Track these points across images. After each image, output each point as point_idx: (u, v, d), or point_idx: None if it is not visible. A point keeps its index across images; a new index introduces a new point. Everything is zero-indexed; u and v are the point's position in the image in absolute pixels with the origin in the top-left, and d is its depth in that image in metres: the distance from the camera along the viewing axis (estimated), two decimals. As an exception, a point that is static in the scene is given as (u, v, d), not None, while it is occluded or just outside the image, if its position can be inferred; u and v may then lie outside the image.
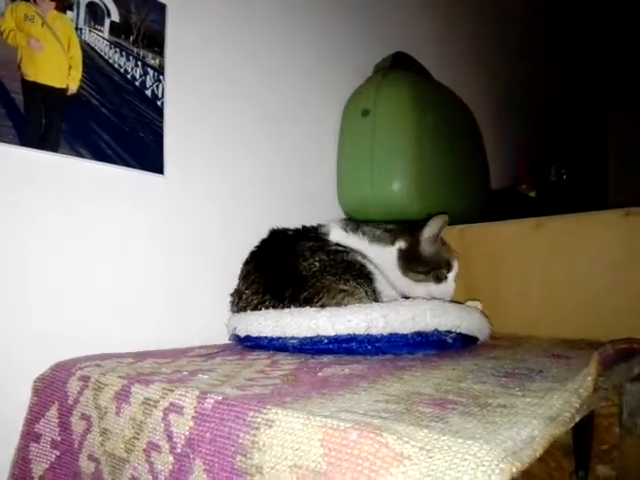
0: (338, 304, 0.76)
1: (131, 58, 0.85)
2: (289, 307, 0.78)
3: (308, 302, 0.77)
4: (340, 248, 0.88)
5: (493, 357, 0.72)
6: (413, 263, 0.93)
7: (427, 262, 0.93)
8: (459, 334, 0.77)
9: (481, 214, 1.34)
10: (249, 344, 0.80)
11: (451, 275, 0.95)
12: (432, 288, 0.93)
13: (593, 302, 0.94)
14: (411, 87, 1.18)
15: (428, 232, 0.93)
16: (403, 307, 0.73)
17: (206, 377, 0.58)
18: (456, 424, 0.39)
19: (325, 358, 0.72)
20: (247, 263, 0.92)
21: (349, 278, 0.79)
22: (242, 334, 0.80)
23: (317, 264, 0.81)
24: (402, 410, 0.43)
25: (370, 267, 0.86)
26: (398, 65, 1.24)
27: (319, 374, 0.60)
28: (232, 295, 0.90)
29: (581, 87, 3.00)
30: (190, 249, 0.94)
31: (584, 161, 2.79)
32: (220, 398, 0.47)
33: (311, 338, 0.72)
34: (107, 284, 0.83)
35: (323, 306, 0.76)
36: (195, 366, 0.66)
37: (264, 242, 0.95)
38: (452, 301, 0.93)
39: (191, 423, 0.47)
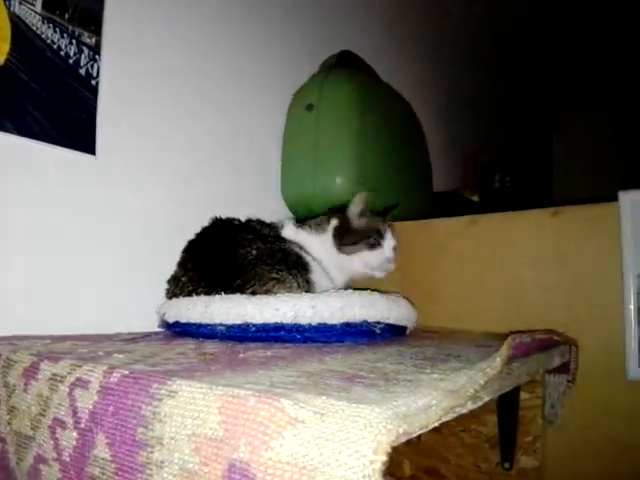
0: (269, 292, 0.76)
1: (65, 35, 0.82)
2: (221, 294, 0.77)
3: (240, 289, 0.76)
4: (279, 239, 0.88)
5: (418, 345, 0.74)
6: (344, 237, 0.96)
7: (357, 233, 0.96)
8: (387, 324, 0.78)
9: (423, 215, 1.38)
10: (178, 330, 0.79)
11: (386, 243, 0.97)
12: (367, 257, 0.95)
13: (523, 298, 0.98)
14: (354, 85, 1.20)
15: (354, 206, 0.96)
16: (332, 298, 0.73)
17: (121, 356, 0.56)
18: (358, 393, 0.40)
19: (252, 344, 0.71)
20: (185, 250, 0.91)
21: (283, 268, 0.79)
22: (171, 320, 0.79)
23: (254, 252, 0.81)
24: (309, 383, 0.43)
25: (307, 258, 0.86)
26: (343, 63, 1.26)
27: (240, 355, 0.59)
28: (168, 282, 0.89)
29: (530, 89, 3.11)
30: (121, 234, 0.92)
31: (531, 168, 2.90)
32: (127, 372, 0.46)
33: (239, 325, 0.72)
34: (30, 269, 0.80)
35: (254, 293, 0.76)
36: (114, 348, 0.64)
37: (205, 230, 0.94)
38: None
39: (95, 397, 0.46)
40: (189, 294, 0.81)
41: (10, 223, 0.77)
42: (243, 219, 0.98)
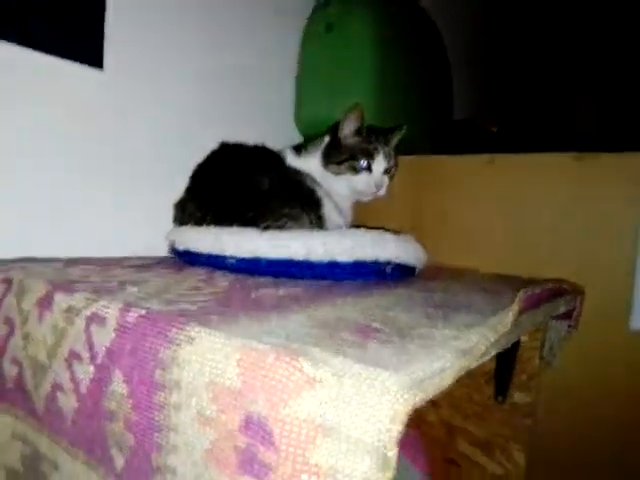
0: (281, 228, 0.75)
1: None
2: (231, 226, 0.76)
3: (251, 223, 0.75)
4: (293, 168, 0.86)
5: (427, 289, 0.74)
6: (331, 155, 0.93)
7: (344, 152, 0.93)
8: (398, 264, 0.78)
9: (439, 142, 1.34)
10: (187, 259, 0.79)
11: (376, 167, 0.93)
12: (352, 180, 0.93)
13: (535, 241, 0.97)
14: (377, 3, 1.11)
15: (346, 123, 0.93)
16: (344, 237, 0.73)
17: (135, 290, 0.57)
18: (374, 351, 0.40)
19: (263, 279, 0.72)
20: (194, 175, 0.89)
21: (296, 204, 0.78)
22: (180, 248, 0.79)
23: (266, 183, 0.79)
24: (325, 335, 0.43)
25: (319, 192, 0.84)
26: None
27: (252, 295, 0.60)
28: (175, 207, 0.88)
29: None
30: (131, 155, 0.89)
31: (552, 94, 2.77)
32: (144, 312, 0.46)
33: (250, 259, 0.72)
34: (36, 188, 0.78)
35: (267, 228, 0.75)
36: (127, 277, 0.64)
37: (213, 154, 0.92)
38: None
39: (112, 335, 0.46)
40: (198, 222, 0.81)
41: (10, 142, 0.75)
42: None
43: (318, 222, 0.79)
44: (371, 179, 0.93)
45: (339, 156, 0.92)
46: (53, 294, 0.54)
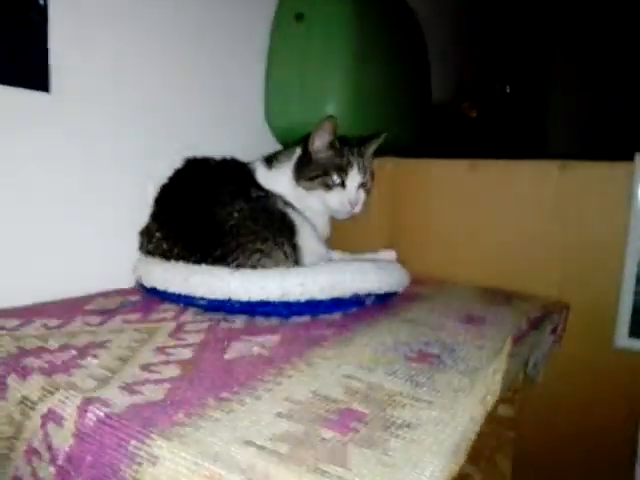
0: (254, 266, 0.70)
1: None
2: (201, 262, 0.72)
3: (222, 260, 0.71)
4: (262, 193, 0.80)
5: (410, 320, 0.71)
6: (303, 170, 0.87)
7: (316, 167, 0.87)
8: (378, 294, 0.74)
9: (420, 134, 1.29)
10: (155, 294, 0.74)
11: (351, 182, 0.87)
12: (325, 197, 0.87)
13: (518, 252, 0.94)
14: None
15: (318, 135, 0.87)
16: (321, 274, 0.69)
17: (95, 363, 0.52)
18: (354, 464, 0.37)
19: (238, 320, 0.68)
20: (158, 200, 0.83)
21: (268, 236, 0.72)
22: (148, 285, 0.74)
23: (236, 214, 0.74)
24: (302, 437, 0.40)
25: (292, 216, 0.79)
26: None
27: (225, 356, 0.56)
28: (142, 234, 0.82)
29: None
30: (84, 181, 0.82)
31: (529, 77, 2.72)
32: (102, 414, 0.42)
33: (222, 301, 0.68)
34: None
35: (238, 266, 0.70)
36: (88, 335, 0.60)
37: (178, 174, 0.86)
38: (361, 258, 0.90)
39: (71, 441, 0.42)
40: (165, 254, 0.76)
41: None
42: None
43: (293, 253, 0.74)
44: (345, 196, 0.87)
45: (311, 172, 0.87)
46: (6, 377, 0.49)
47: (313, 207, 0.88)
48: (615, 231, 0.83)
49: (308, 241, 0.78)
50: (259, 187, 0.86)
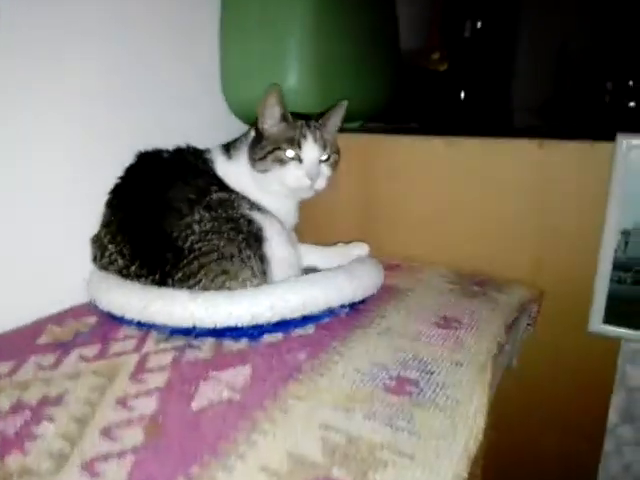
0: (219, 288, 0.65)
1: None
2: (160, 284, 0.66)
3: (183, 282, 0.65)
4: (224, 195, 0.73)
5: (385, 330, 0.68)
6: (256, 151, 0.80)
7: (267, 144, 0.80)
8: (352, 303, 0.71)
9: (393, 95, 1.21)
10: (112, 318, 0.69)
11: (307, 155, 0.79)
12: (281, 175, 0.79)
13: (495, 232, 0.91)
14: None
15: (265, 107, 0.79)
16: (292, 292, 0.64)
17: (52, 429, 0.48)
18: None
19: (204, 346, 0.64)
20: (109, 205, 0.76)
21: (233, 251, 0.67)
22: (103, 308, 0.68)
23: (196, 227, 0.67)
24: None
25: (259, 219, 0.73)
26: None
27: (193, 405, 0.52)
28: (93, 243, 0.75)
29: None
30: (21, 178, 0.74)
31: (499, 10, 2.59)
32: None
33: (186, 327, 0.63)
34: None
35: (203, 287, 0.65)
36: (42, 386, 0.55)
37: (130, 172, 0.78)
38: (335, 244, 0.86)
39: None
40: (120, 271, 0.70)
41: None
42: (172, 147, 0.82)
43: (261, 267, 0.69)
44: (301, 170, 0.79)
45: (263, 149, 0.79)
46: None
47: (275, 193, 0.81)
48: (593, 215, 0.81)
49: (277, 248, 0.72)
50: (220, 183, 0.79)
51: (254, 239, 0.70)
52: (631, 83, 2.80)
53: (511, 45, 2.94)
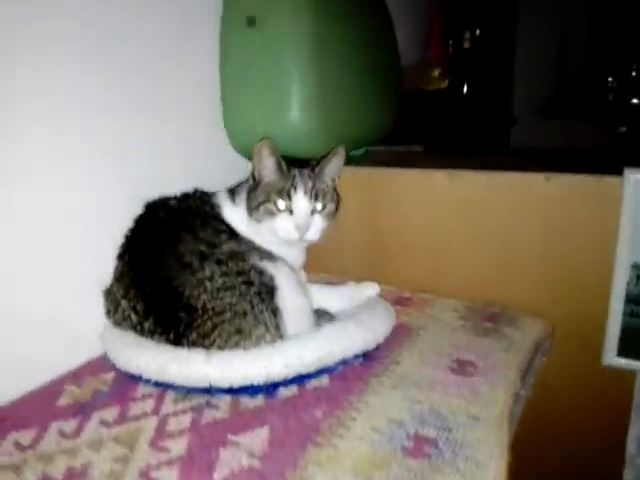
0: (233, 347, 0.66)
1: None
2: (175, 343, 0.67)
3: (198, 343, 0.66)
4: (234, 248, 0.74)
5: (400, 379, 0.68)
6: (251, 199, 0.80)
7: (260, 195, 0.79)
8: (365, 352, 0.72)
9: (395, 118, 1.21)
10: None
11: (297, 207, 0.78)
12: (273, 225, 0.78)
13: (504, 265, 0.92)
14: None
15: (257, 158, 0.79)
16: (307, 350, 0.65)
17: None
18: None
19: (221, 403, 0.64)
20: (121, 258, 0.77)
21: (246, 308, 0.67)
22: (120, 366, 0.69)
23: (207, 284, 0.68)
24: None
25: (269, 269, 0.73)
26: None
27: (215, 476, 0.53)
28: (106, 297, 0.76)
29: None
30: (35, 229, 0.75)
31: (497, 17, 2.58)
32: None
33: (202, 387, 0.64)
34: None
35: (218, 347, 0.66)
36: (66, 458, 0.56)
37: (139, 224, 0.79)
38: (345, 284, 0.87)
39: None
40: (135, 328, 0.71)
41: None
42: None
43: (274, 320, 0.69)
44: (291, 222, 0.78)
45: (256, 199, 0.79)
46: None
47: (271, 241, 0.80)
48: (603, 247, 0.81)
49: (289, 298, 0.73)
50: (228, 229, 0.79)
51: (266, 291, 0.71)
52: (634, 73, 2.80)
53: (511, 47, 2.94)
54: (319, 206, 0.80)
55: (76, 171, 0.79)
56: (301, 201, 0.78)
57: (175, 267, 0.70)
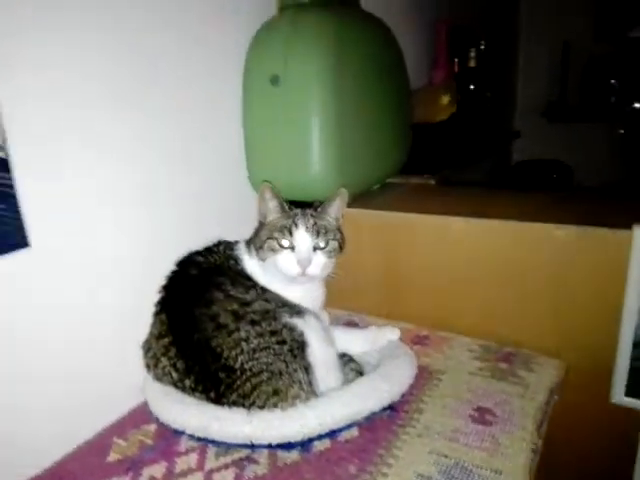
0: (272, 407, 0.70)
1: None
2: (215, 401, 0.72)
3: (238, 403, 0.71)
4: (264, 307, 0.78)
5: (425, 429, 0.73)
6: (256, 239, 0.85)
7: (263, 233, 0.84)
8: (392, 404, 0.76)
9: (405, 158, 1.26)
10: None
11: (299, 243, 0.82)
12: (276, 262, 0.82)
13: (515, 300, 0.96)
14: (331, 38, 0.95)
15: (262, 201, 0.85)
16: (339, 407, 0.70)
17: None
18: None
19: (261, 459, 0.69)
20: (158, 316, 0.81)
21: (281, 368, 0.72)
22: (163, 420, 0.74)
23: (244, 345, 0.72)
24: None
25: (298, 325, 0.78)
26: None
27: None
28: (145, 352, 0.80)
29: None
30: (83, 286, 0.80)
31: (500, 32, 2.61)
32: None
33: (243, 444, 0.69)
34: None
35: (257, 407, 0.71)
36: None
37: (172, 281, 0.83)
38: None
39: None
40: (175, 384, 0.75)
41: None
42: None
43: (307, 377, 0.73)
44: (293, 257, 0.82)
45: (261, 238, 0.84)
46: None
47: (277, 280, 0.84)
48: (612, 293, 0.85)
49: (318, 351, 0.77)
50: (253, 283, 0.83)
51: (297, 347, 0.75)
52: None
53: (514, 56, 2.98)
54: (321, 243, 0.84)
55: (109, 220, 0.84)
56: (302, 237, 0.83)
57: (211, 327, 0.75)
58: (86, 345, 0.82)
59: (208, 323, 0.75)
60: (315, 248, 0.83)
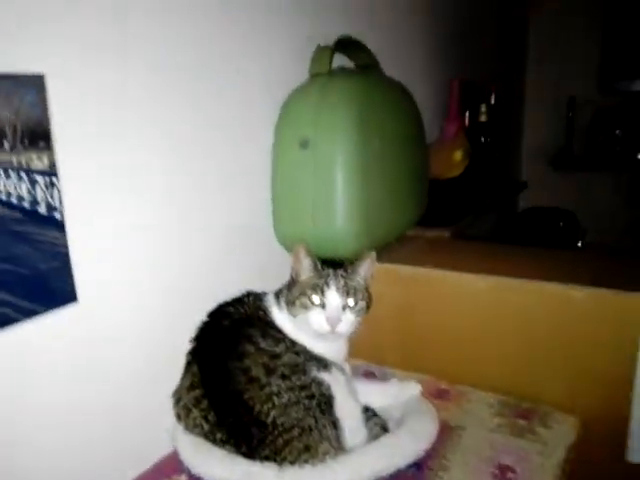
0: (303, 463, 0.73)
1: (12, 172, 0.63)
2: (247, 455, 0.74)
3: (270, 459, 0.73)
4: (294, 360, 0.81)
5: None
6: (288, 295, 0.89)
7: (296, 290, 0.88)
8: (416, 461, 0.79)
9: (423, 212, 1.31)
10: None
11: (330, 302, 0.85)
12: (307, 319, 0.86)
13: (530, 356, 0.99)
14: (356, 105, 1.02)
15: (296, 261, 0.89)
16: (366, 465, 0.73)
17: None
18: None
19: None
20: (189, 365, 0.84)
21: (311, 424, 0.74)
22: (195, 473, 0.76)
23: (275, 400, 0.75)
24: None
25: (326, 379, 0.81)
26: (342, 69, 1.06)
27: None
28: (176, 402, 0.83)
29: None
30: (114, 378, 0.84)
31: (509, 85, 2.72)
32: None
33: (274, 497, 0.71)
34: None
35: (288, 463, 0.73)
36: None
37: (203, 333, 0.87)
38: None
39: None
40: (206, 436, 0.78)
41: None
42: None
43: (334, 432, 0.76)
44: (323, 315, 0.85)
45: (293, 295, 0.88)
46: None
47: (308, 336, 0.88)
48: (626, 354, 0.88)
49: (345, 405, 0.80)
50: (282, 335, 0.87)
51: (325, 402, 0.78)
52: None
53: (520, 109, 3.07)
54: (351, 302, 0.88)
55: (141, 260, 0.88)
56: (333, 296, 0.86)
57: (243, 381, 0.78)
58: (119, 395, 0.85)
59: (240, 376, 0.78)
60: (344, 307, 0.87)
